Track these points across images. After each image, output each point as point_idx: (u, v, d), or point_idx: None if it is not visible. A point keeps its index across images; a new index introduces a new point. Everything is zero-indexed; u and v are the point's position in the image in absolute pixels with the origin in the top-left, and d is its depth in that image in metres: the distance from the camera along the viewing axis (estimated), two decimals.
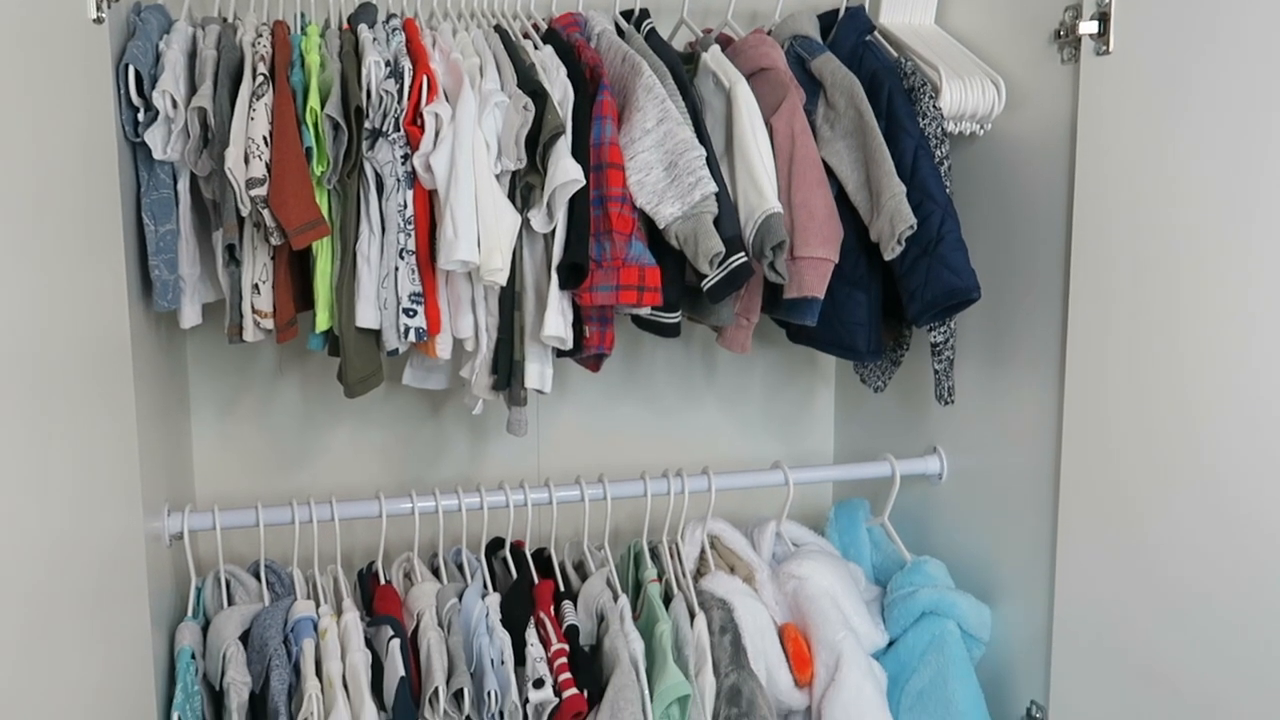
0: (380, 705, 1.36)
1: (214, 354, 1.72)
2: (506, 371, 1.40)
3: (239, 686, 1.34)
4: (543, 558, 1.58)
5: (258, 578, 1.50)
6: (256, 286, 1.33)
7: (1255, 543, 1.13)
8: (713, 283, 1.33)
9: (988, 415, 1.54)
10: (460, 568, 1.57)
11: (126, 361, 1.21)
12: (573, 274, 1.34)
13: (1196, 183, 1.17)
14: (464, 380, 1.48)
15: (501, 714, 1.38)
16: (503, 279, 1.30)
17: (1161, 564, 1.23)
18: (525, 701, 1.38)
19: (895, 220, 1.34)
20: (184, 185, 1.32)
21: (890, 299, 1.48)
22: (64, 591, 0.98)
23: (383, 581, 1.51)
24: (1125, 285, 1.26)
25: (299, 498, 1.48)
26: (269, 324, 1.34)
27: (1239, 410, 1.14)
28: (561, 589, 1.53)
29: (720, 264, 1.31)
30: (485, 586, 1.50)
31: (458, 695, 1.37)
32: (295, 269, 1.36)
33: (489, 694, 1.36)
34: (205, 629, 1.42)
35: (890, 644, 1.55)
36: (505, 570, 1.58)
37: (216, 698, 1.39)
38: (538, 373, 1.41)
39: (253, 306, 1.33)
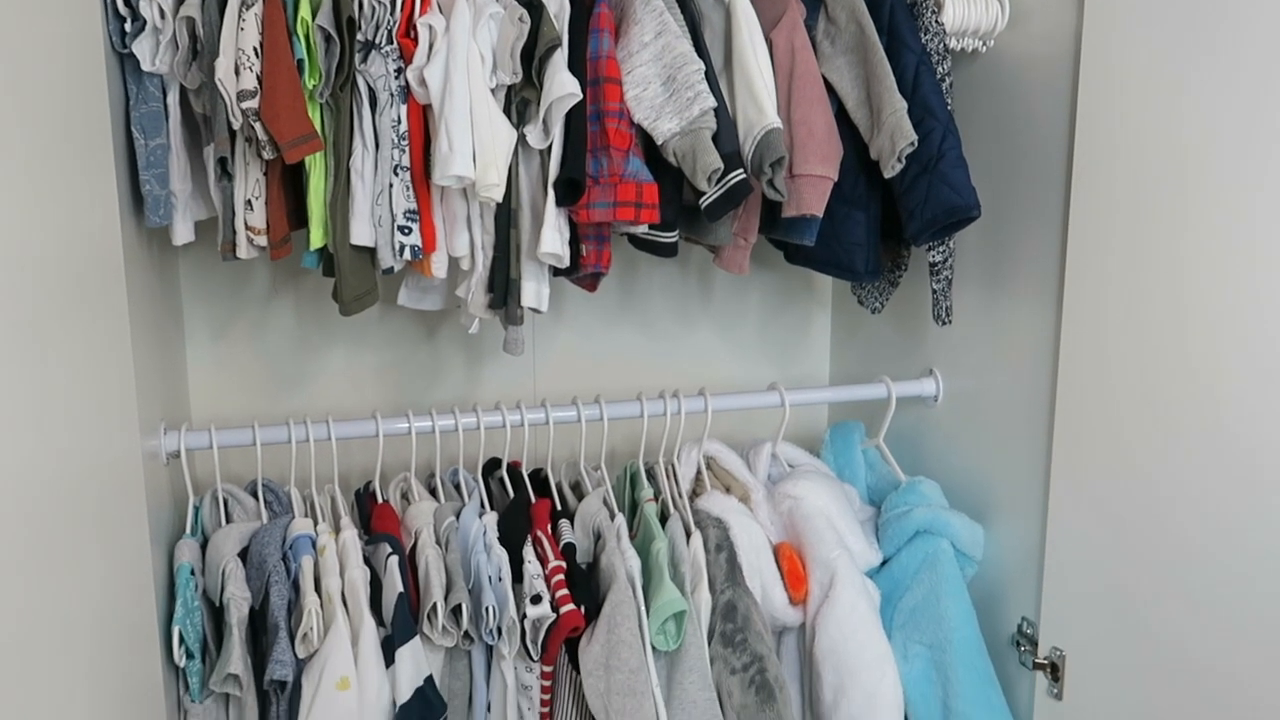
0: (379, 621, 1.37)
1: (207, 276, 1.71)
2: (503, 290, 1.39)
3: (239, 601, 1.35)
4: (539, 478, 1.59)
5: (255, 497, 1.50)
6: (249, 203, 1.31)
7: (1250, 466, 1.13)
8: (711, 200, 1.32)
9: (984, 338, 1.54)
10: (457, 488, 1.58)
11: (120, 277, 1.19)
12: (569, 190, 1.32)
13: (1202, 102, 1.15)
14: (459, 301, 1.47)
15: (499, 630, 1.39)
16: (498, 195, 1.28)
17: (1155, 485, 1.24)
18: (523, 617, 1.39)
19: (896, 137, 1.32)
20: (173, 99, 1.30)
21: (889, 219, 1.47)
22: (63, 508, 0.98)
23: (380, 501, 1.51)
24: (1126, 207, 1.25)
25: (295, 420, 1.48)
26: (262, 241, 1.33)
27: (1239, 335, 1.13)
28: (558, 508, 1.54)
29: (718, 181, 1.30)
30: (482, 505, 1.50)
31: (456, 611, 1.38)
32: (288, 186, 1.35)
33: (487, 609, 1.38)
34: (204, 547, 1.43)
35: (884, 563, 1.57)
36: (502, 490, 1.59)
37: (216, 613, 1.41)
38: (534, 291, 1.40)
39: (245, 223, 1.32)
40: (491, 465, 1.61)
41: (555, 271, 1.43)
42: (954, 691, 1.47)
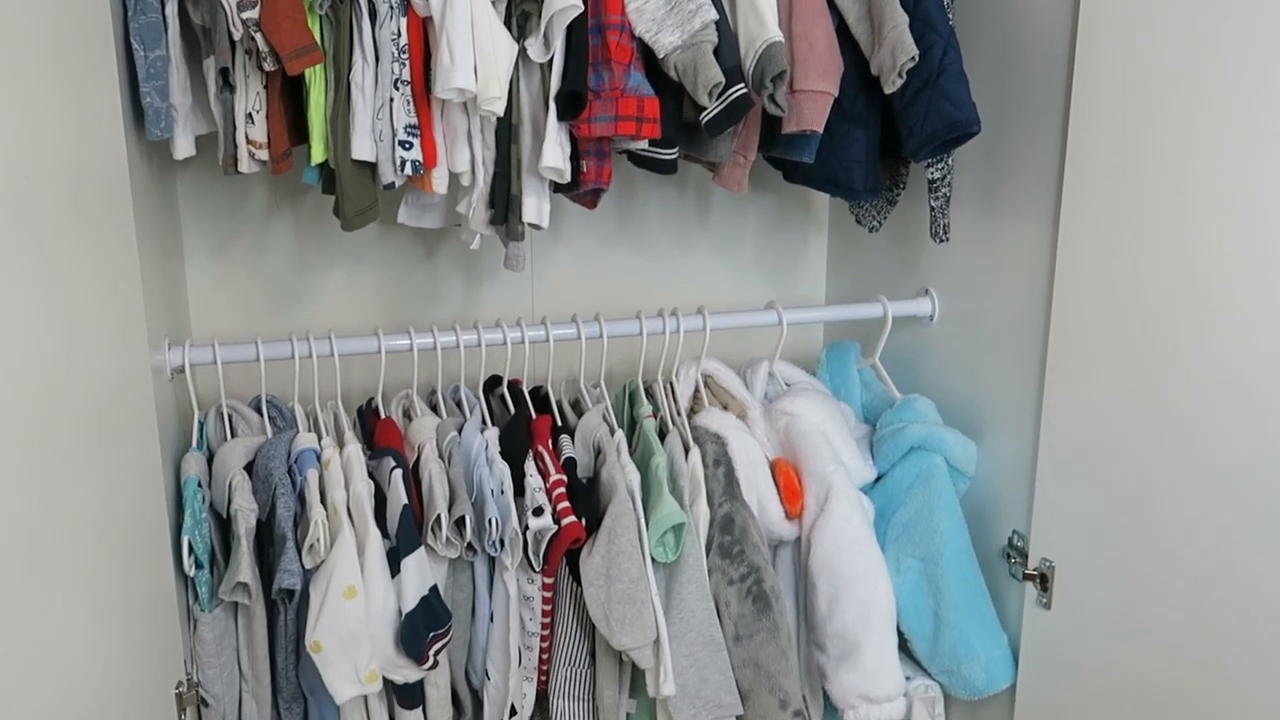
0: (384, 533, 1.40)
1: (205, 195, 1.70)
2: (504, 206, 1.39)
3: (246, 513, 1.37)
4: (539, 395, 1.61)
5: (259, 412, 1.52)
6: (250, 116, 1.31)
7: (1245, 379, 1.14)
8: (711, 115, 1.32)
9: (980, 257, 1.55)
10: (459, 404, 1.60)
11: (125, 189, 1.20)
12: (571, 104, 1.32)
13: (1207, 19, 1.14)
14: (459, 218, 1.47)
15: (502, 541, 1.42)
16: (500, 108, 1.28)
17: (1149, 399, 1.25)
18: (525, 529, 1.42)
19: (897, 51, 1.32)
20: (172, 10, 1.29)
21: (888, 136, 1.47)
22: (76, 419, 0.99)
23: (382, 417, 1.53)
24: (1126, 123, 1.25)
25: (297, 336, 1.49)
26: (264, 155, 1.33)
27: (1236, 252, 1.13)
28: (559, 424, 1.56)
29: (719, 96, 1.30)
30: (484, 421, 1.52)
31: (459, 523, 1.41)
32: (288, 100, 1.34)
33: (490, 521, 1.40)
34: (209, 462, 1.45)
35: (878, 478, 1.60)
36: (503, 407, 1.60)
37: (222, 526, 1.43)
38: (535, 207, 1.40)
39: (247, 137, 1.32)
40: (492, 383, 1.62)
41: (555, 188, 1.44)
42: (945, 602, 1.51)
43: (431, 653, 1.38)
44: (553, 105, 1.33)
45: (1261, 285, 1.12)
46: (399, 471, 1.41)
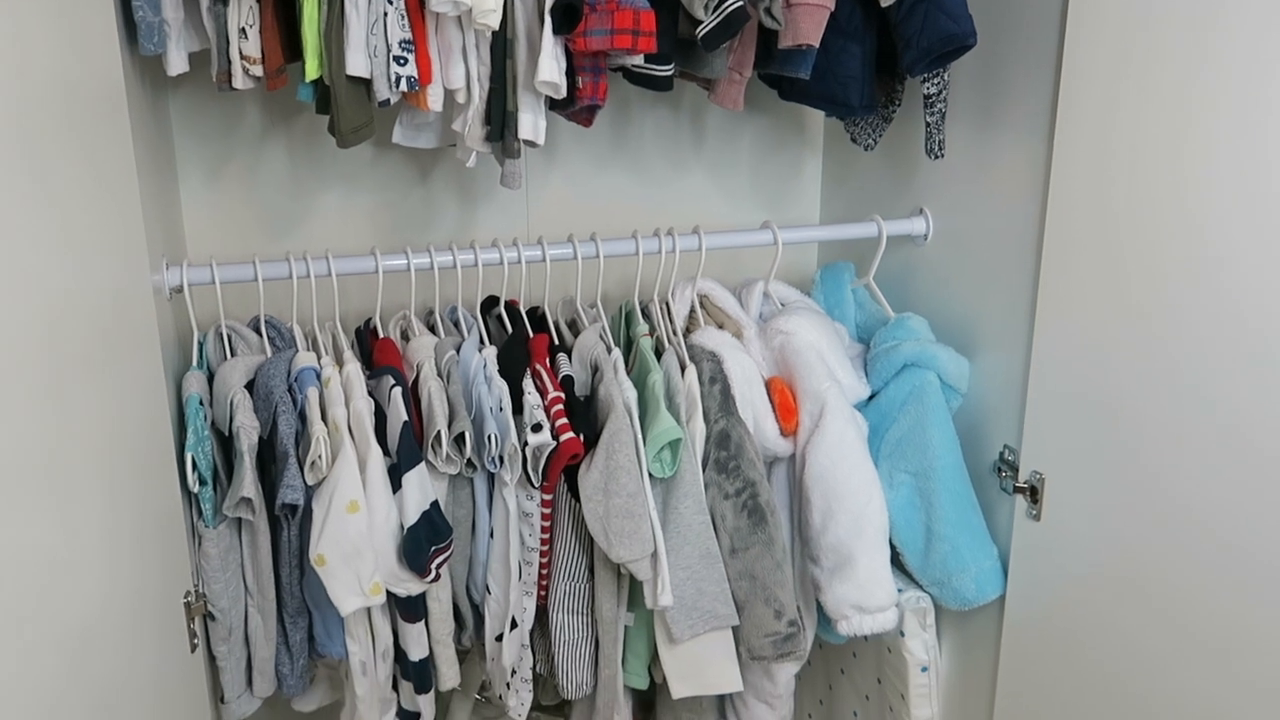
0: (385, 450, 1.41)
1: (199, 117, 1.69)
2: (499, 123, 1.39)
3: (248, 430, 1.38)
4: (536, 315, 1.62)
5: (258, 332, 1.52)
6: (244, 30, 1.30)
7: (1239, 290, 1.14)
8: (708, 29, 1.31)
9: (974, 176, 1.56)
10: (456, 325, 1.60)
11: (122, 104, 1.19)
12: (566, 17, 1.32)
13: None
14: (454, 139, 1.47)
15: (501, 458, 1.44)
16: (495, 22, 1.28)
17: (1140, 314, 1.26)
18: (524, 445, 1.44)
19: None
20: None
21: (884, 53, 1.47)
22: (81, 339, 1.00)
23: (380, 336, 1.54)
24: (1124, 39, 1.24)
25: (294, 257, 1.49)
26: (258, 71, 1.32)
27: (1234, 165, 1.13)
28: (556, 344, 1.57)
29: (715, 9, 1.29)
30: (482, 341, 1.53)
31: (459, 440, 1.43)
32: (282, 15, 1.33)
33: (489, 438, 1.42)
34: (209, 381, 1.46)
35: (872, 396, 1.62)
36: (500, 327, 1.61)
37: (224, 444, 1.44)
38: (531, 123, 1.40)
39: (240, 52, 1.31)
40: (489, 304, 1.63)
41: (551, 106, 1.43)
42: (936, 516, 1.54)
43: (434, 566, 1.41)
44: (548, 18, 1.32)
45: (1257, 205, 1.12)
46: (398, 389, 1.43)
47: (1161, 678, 1.30)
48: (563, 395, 1.47)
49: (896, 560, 1.58)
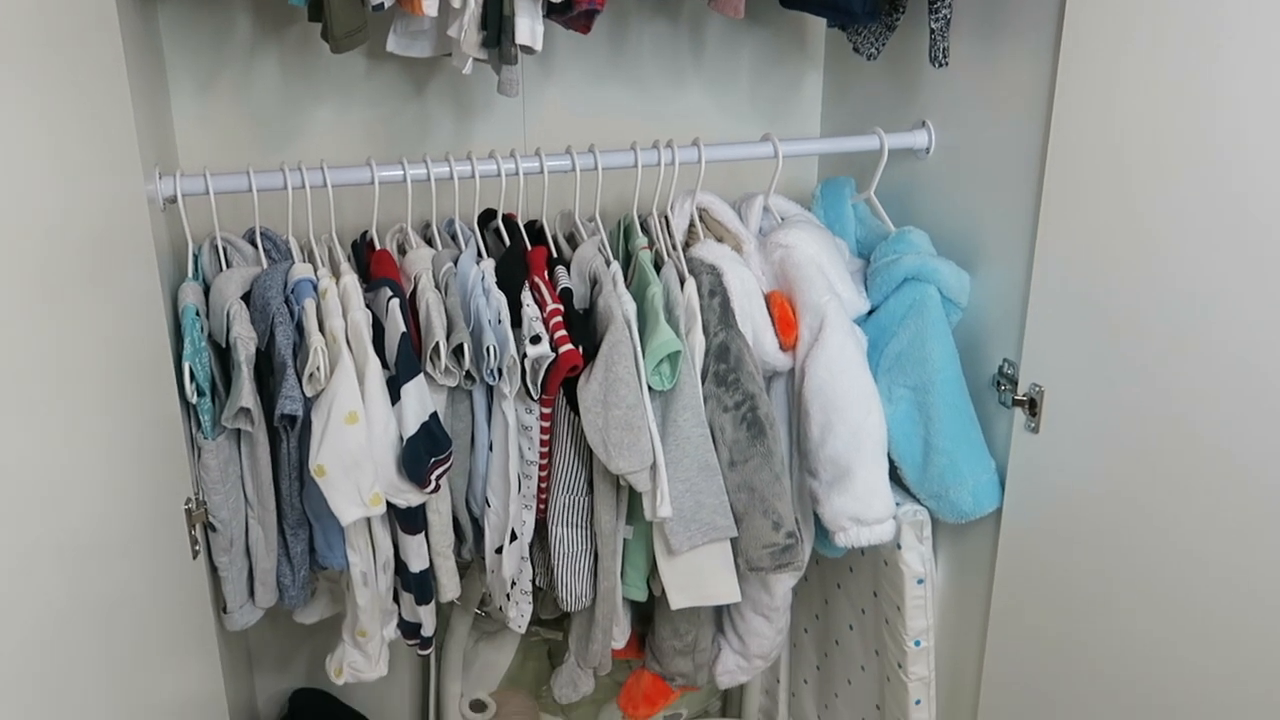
0: (383, 363, 1.41)
1: (189, 28, 1.66)
2: (496, 28, 1.37)
3: (245, 341, 1.37)
4: (534, 229, 1.60)
5: (253, 245, 1.51)
6: None
7: (1241, 216, 1.13)
8: None
9: (978, 87, 1.53)
10: (454, 238, 1.59)
11: (112, 13, 1.17)
12: None
13: None
14: (449, 48, 1.44)
15: (500, 370, 1.44)
16: None
17: (1149, 230, 1.25)
18: (523, 357, 1.43)
19: None
20: None
21: None
22: (76, 249, 0.99)
23: (377, 249, 1.53)
24: None
25: (288, 168, 1.47)
26: None
27: (1246, 86, 1.10)
28: (554, 256, 1.56)
29: None
30: (479, 253, 1.52)
31: (457, 351, 1.42)
32: None
33: (488, 349, 1.41)
34: (206, 293, 1.45)
35: (871, 311, 1.61)
36: (498, 241, 1.60)
37: (221, 356, 1.44)
38: (528, 28, 1.37)
39: None
40: (487, 217, 1.62)
41: (548, 11, 1.40)
42: (935, 429, 1.54)
43: (433, 477, 1.41)
44: None
45: (1270, 113, 1.09)
46: (396, 301, 1.42)
47: (1156, 590, 1.31)
48: (561, 307, 1.46)
49: (894, 475, 1.59)
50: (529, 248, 1.53)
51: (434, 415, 1.41)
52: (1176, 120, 1.19)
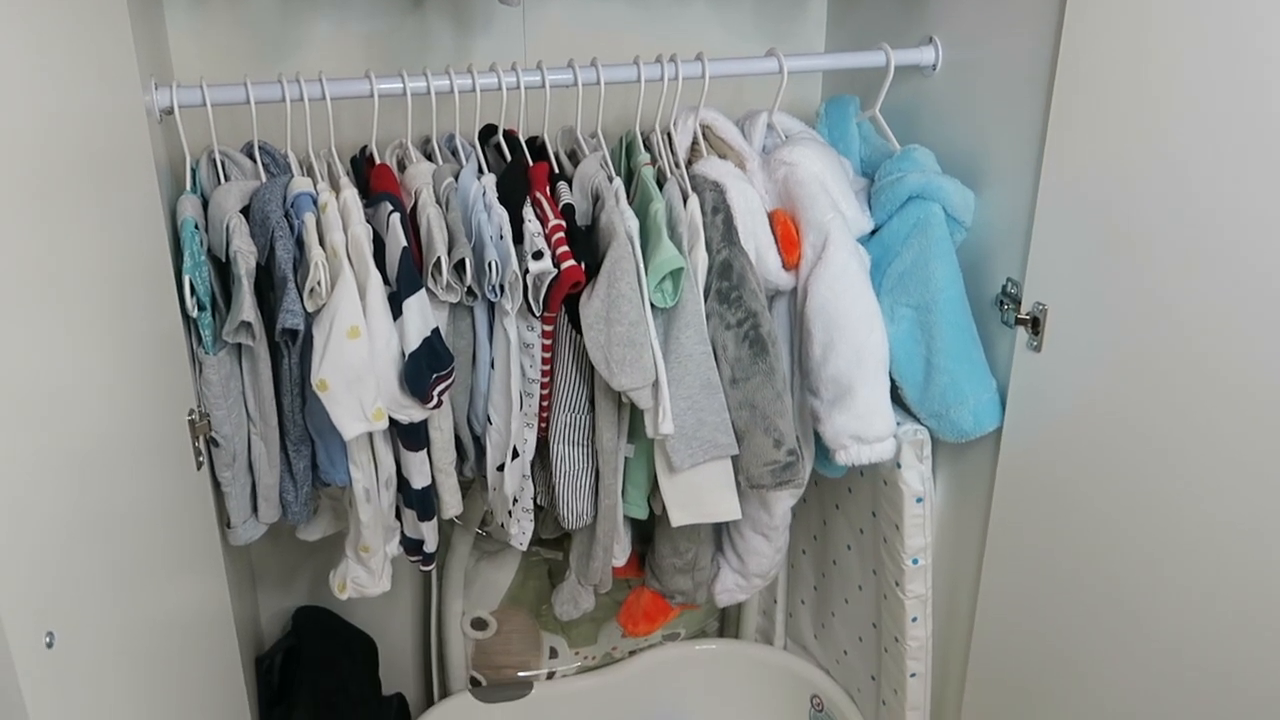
0: (384, 279, 1.40)
1: None
2: None
3: (245, 254, 1.36)
4: (535, 145, 1.58)
5: (252, 158, 1.49)
6: None
7: (1254, 130, 1.11)
8: None
9: (987, 1, 1.51)
10: (454, 153, 1.57)
11: None
12: None
13: None
14: None
15: (502, 286, 1.43)
16: None
17: (1153, 148, 1.23)
18: (525, 272, 1.42)
19: None
20: None
21: None
22: (72, 159, 0.98)
23: (377, 163, 1.51)
24: None
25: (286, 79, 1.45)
26: None
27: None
28: (556, 172, 1.54)
29: None
30: (480, 168, 1.50)
31: (459, 267, 1.41)
32: None
33: (489, 265, 1.41)
34: (204, 207, 1.43)
35: (875, 231, 1.60)
36: (499, 157, 1.58)
37: (221, 271, 1.43)
38: None
39: None
40: (487, 133, 1.60)
41: None
42: (937, 348, 1.54)
43: (436, 393, 1.41)
44: None
45: None
46: (396, 216, 1.40)
47: (1154, 509, 1.32)
48: (564, 223, 1.45)
49: (895, 395, 1.59)
50: (530, 163, 1.52)
51: (436, 331, 1.41)
52: (1194, 30, 1.17)
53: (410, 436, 1.50)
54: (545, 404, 1.57)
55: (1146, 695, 1.38)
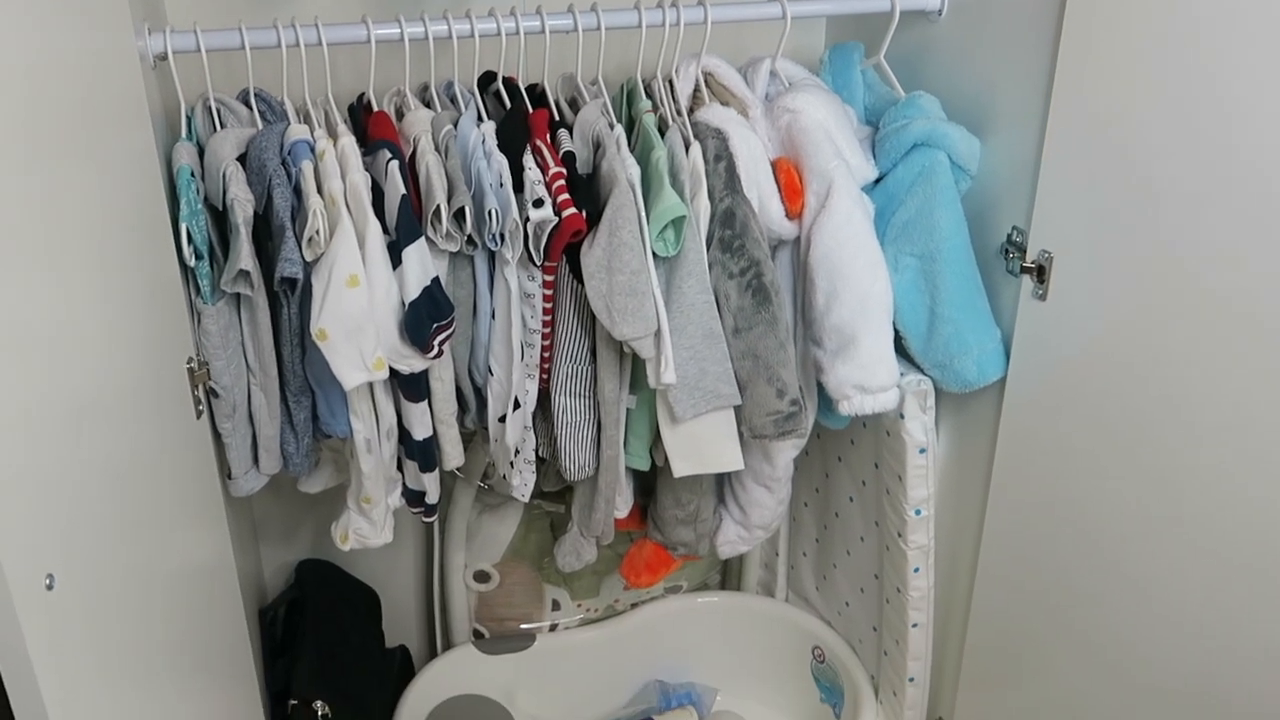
0: (383, 228, 1.39)
1: None
2: None
3: (243, 203, 1.35)
4: (535, 93, 1.56)
5: (248, 106, 1.47)
6: None
7: (1261, 77, 1.09)
8: None
9: None
10: (453, 100, 1.55)
11: None
12: None
13: None
14: None
15: (503, 235, 1.41)
16: None
17: (1162, 94, 1.21)
18: (526, 220, 1.41)
19: None
20: None
21: None
22: (64, 105, 0.96)
23: (375, 110, 1.49)
24: None
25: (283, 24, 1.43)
26: None
27: None
28: (556, 119, 1.52)
29: None
30: (480, 115, 1.48)
31: (459, 215, 1.40)
32: None
33: (490, 213, 1.39)
34: (200, 156, 1.41)
35: (879, 179, 1.58)
36: (498, 104, 1.56)
37: (218, 219, 1.41)
38: None
39: None
40: (486, 80, 1.58)
41: None
42: (941, 298, 1.53)
43: (436, 342, 1.40)
44: None
45: None
46: (395, 163, 1.39)
47: (1158, 458, 1.31)
48: (564, 171, 1.43)
49: (898, 345, 1.57)
50: (530, 110, 1.50)
51: (436, 280, 1.39)
52: None
53: (411, 387, 1.49)
54: (546, 355, 1.56)
55: (1147, 641, 1.38)
